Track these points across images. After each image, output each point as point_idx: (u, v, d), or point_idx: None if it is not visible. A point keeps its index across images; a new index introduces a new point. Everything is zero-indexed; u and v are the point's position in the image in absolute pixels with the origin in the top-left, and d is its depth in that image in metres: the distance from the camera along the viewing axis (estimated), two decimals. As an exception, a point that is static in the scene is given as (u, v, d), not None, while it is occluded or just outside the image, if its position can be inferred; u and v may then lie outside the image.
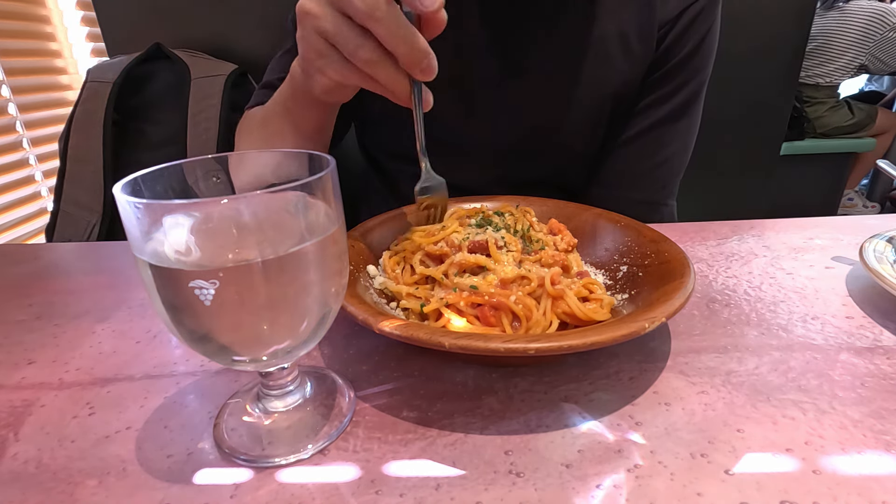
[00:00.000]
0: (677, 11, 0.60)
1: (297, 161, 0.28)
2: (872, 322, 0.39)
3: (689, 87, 0.63)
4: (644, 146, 0.65)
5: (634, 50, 0.61)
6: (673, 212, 0.69)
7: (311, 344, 0.28)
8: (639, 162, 0.66)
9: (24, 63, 1.46)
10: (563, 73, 0.61)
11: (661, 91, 0.63)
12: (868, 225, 0.56)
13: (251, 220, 0.25)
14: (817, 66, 2.24)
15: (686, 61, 0.61)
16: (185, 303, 0.24)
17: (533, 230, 0.44)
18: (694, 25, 0.60)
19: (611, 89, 0.62)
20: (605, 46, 0.60)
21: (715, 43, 0.63)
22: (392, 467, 0.27)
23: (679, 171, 0.67)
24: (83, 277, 0.51)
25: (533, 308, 0.35)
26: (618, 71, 0.61)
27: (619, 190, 0.67)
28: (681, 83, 0.62)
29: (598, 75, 0.61)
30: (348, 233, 0.44)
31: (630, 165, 0.66)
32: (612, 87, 0.62)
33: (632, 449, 0.28)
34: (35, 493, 0.26)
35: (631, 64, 0.61)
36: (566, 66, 0.60)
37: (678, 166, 0.67)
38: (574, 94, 0.62)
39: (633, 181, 0.66)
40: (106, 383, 0.34)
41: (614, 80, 0.62)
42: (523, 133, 0.63)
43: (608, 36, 0.60)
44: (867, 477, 0.26)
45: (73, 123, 1.00)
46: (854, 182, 2.64)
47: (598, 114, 0.64)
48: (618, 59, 0.61)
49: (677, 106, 0.63)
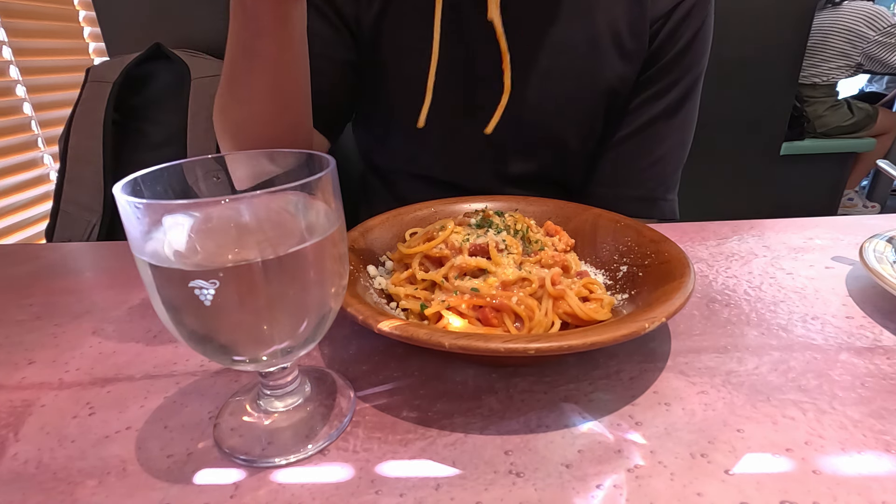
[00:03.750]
0: (669, 7, 0.60)
1: (297, 161, 0.28)
2: (872, 322, 0.39)
3: (684, 83, 0.63)
4: (640, 143, 0.65)
5: (627, 47, 0.61)
6: (674, 207, 0.69)
7: (311, 344, 0.28)
8: (636, 159, 0.66)
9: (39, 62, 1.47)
10: (557, 70, 0.61)
11: (655, 87, 0.63)
12: (868, 225, 0.56)
13: (251, 220, 0.25)
14: (813, 66, 2.24)
15: (680, 57, 0.62)
16: (185, 303, 0.24)
17: (532, 231, 0.44)
18: (687, 21, 0.60)
19: (605, 86, 0.62)
20: (598, 43, 0.60)
21: (709, 38, 0.63)
22: (392, 467, 0.27)
23: (677, 166, 0.68)
24: (83, 277, 0.51)
25: (535, 308, 0.35)
26: (611, 68, 0.62)
27: (617, 187, 0.67)
28: (675, 79, 0.63)
29: (591, 72, 0.61)
30: (348, 233, 0.44)
31: (627, 162, 0.66)
32: (606, 84, 0.62)
33: (632, 449, 0.28)
34: (35, 493, 0.26)
35: (624, 61, 0.62)
36: (560, 62, 0.61)
37: (676, 162, 0.67)
38: (568, 91, 0.62)
39: (630, 178, 0.67)
40: (106, 383, 0.34)
41: (608, 77, 0.62)
42: (518, 128, 0.64)
43: (601, 33, 0.60)
44: (867, 477, 0.26)
45: (73, 123, 1.00)
46: (854, 182, 2.64)
47: (594, 111, 0.64)
48: (611, 55, 0.61)
49: (672, 102, 0.63)
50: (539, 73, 0.61)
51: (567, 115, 0.64)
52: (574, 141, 0.66)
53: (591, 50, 0.60)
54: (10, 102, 1.40)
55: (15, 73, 1.40)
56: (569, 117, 0.64)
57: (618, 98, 0.64)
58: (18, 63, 1.39)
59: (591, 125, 0.66)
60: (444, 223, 0.43)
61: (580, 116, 0.64)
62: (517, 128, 0.63)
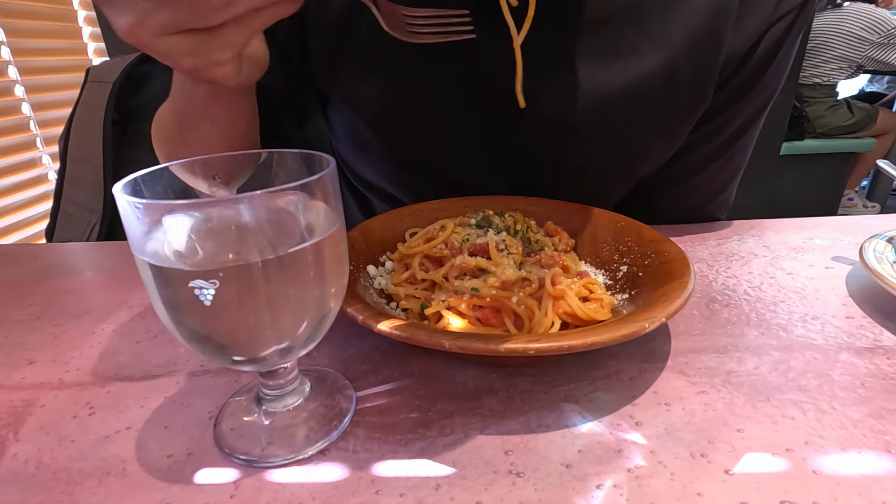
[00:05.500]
0: (755, 38, 0.48)
1: (297, 161, 0.28)
2: (872, 322, 0.39)
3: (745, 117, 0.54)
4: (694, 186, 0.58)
5: (681, 98, 0.50)
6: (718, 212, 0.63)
7: (310, 344, 0.28)
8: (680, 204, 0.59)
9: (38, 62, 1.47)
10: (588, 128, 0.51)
11: (714, 123, 0.54)
12: (868, 225, 0.56)
13: (251, 220, 0.25)
14: (814, 67, 2.24)
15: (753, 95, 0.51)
16: (185, 303, 0.24)
17: (532, 231, 0.44)
18: (773, 54, 0.49)
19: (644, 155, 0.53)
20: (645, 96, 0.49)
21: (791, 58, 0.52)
22: (392, 467, 0.27)
23: (727, 198, 0.61)
24: (83, 277, 0.51)
25: (535, 308, 0.35)
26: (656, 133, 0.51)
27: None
28: (735, 115, 0.53)
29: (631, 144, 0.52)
30: (348, 233, 0.44)
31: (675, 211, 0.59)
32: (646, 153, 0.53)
33: (632, 449, 0.28)
34: (35, 493, 0.26)
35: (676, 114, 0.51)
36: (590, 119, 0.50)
37: (720, 203, 0.61)
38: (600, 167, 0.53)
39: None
40: (106, 383, 0.34)
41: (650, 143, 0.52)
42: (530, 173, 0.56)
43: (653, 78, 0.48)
44: (867, 477, 0.26)
45: (73, 123, 1.00)
46: (854, 182, 2.64)
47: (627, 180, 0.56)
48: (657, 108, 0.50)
49: (725, 141, 0.55)
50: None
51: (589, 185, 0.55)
52: (602, 197, 0.57)
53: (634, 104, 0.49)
54: (9, 102, 1.40)
55: (14, 74, 1.40)
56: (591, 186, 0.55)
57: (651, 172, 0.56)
58: (17, 63, 1.39)
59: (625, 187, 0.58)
60: (444, 223, 0.43)
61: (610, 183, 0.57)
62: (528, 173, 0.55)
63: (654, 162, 0.56)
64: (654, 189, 0.59)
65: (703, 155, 0.56)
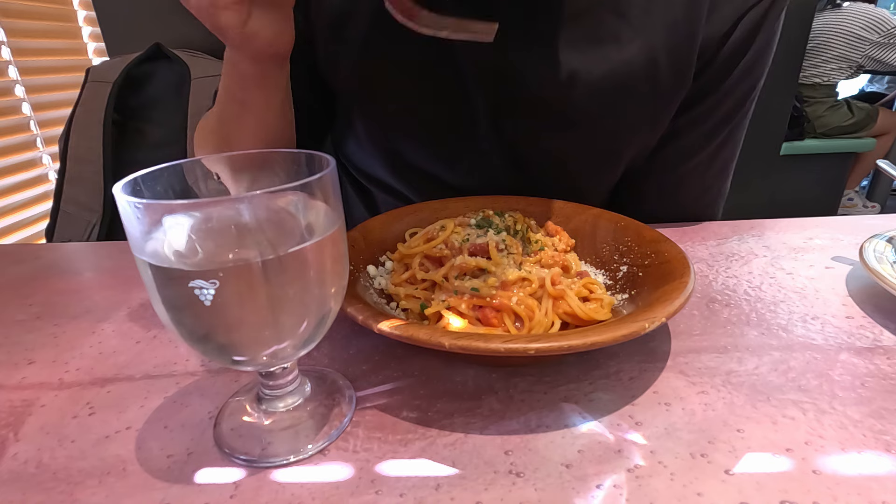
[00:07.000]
0: (730, 23, 0.49)
1: (297, 161, 0.28)
2: (872, 322, 0.39)
3: (729, 111, 0.55)
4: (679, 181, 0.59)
5: (664, 83, 0.51)
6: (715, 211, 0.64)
7: (310, 344, 0.28)
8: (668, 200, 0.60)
9: (38, 62, 1.47)
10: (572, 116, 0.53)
11: (695, 112, 0.55)
12: (868, 225, 0.56)
13: (251, 220, 0.25)
14: (814, 67, 2.24)
15: (732, 88, 0.52)
16: (185, 303, 0.24)
17: (532, 231, 0.44)
18: (750, 39, 0.50)
19: (628, 143, 0.55)
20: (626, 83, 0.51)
21: (771, 54, 0.53)
22: (392, 467, 0.27)
23: (718, 195, 0.62)
24: (83, 277, 0.51)
25: (535, 308, 0.35)
26: (639, 121, 0.53)
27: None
28: (720, 108, 0.54)
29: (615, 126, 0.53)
30: (348, 233, 0.44)
31: (665, 205, 0.60)
32: (630, 140, 0.55)
33: (632, 449, 0.28)
34: (35, 493, 0.26)
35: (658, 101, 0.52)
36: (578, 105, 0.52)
37: (717, 192, 0.61)
38: (583, 145, 0.55)
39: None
40: (106, 383, 0.34)
41: (632, 131, 0.53)
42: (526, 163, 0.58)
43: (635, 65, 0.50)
44: (867, 477, 0.26)
45: (73, 123, 1.00)
46: (854, 182, 2.64)
47: (613, 168, 0.57)
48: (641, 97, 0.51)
49: (711, 130, 0.56)
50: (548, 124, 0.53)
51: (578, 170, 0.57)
52: (590, 187, 0.59)
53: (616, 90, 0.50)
54: (9, 102, 1.40)
55: (14, 74, 1.40)
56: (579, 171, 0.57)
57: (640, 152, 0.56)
58: (17, 63, 1.39)
59: (610, 177, 0.59)
60: (444, 223, 0.43)
61: (595, 171, 0.58)
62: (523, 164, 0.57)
63: (639, 148, 0.57)
64: (646, 177, 0.60)
65: (691, 141, 0.57)
